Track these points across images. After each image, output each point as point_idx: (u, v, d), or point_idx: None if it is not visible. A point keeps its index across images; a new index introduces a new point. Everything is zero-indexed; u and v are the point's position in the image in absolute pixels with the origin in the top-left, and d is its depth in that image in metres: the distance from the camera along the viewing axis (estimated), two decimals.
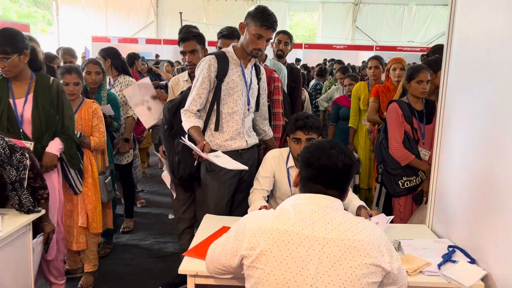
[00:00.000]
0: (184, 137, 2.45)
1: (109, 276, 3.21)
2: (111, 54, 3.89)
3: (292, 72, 3.69)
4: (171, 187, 2.96)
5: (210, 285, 1.80)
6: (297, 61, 12.45)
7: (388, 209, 3.00)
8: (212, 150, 2.37)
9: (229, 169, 2.50)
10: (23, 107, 2.52)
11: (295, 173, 1.60)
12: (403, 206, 2.93)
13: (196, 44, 2.80)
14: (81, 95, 2.99)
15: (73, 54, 4.66)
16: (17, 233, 2.08)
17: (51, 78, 2.65)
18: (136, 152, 4.22)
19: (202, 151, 2.18)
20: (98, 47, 9.61)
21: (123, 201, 4.11)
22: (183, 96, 2.64)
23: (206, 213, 2.45)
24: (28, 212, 2.17)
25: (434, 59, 3.08)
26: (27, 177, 2.18)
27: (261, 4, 2.76)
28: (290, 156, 2.48)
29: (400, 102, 2.96)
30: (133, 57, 5.91)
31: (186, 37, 2.79)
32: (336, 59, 7.89)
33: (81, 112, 2.93)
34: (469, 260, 1.86)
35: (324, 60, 11.01)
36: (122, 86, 3.79)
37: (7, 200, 2.22)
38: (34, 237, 2.27)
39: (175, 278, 3.03)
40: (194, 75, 2.84)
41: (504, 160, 1.68)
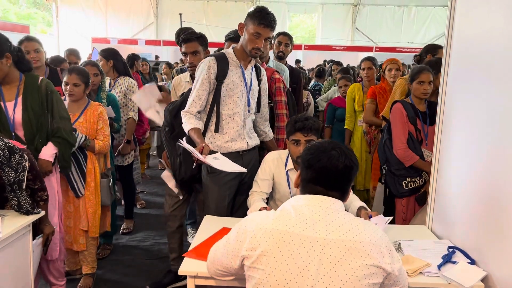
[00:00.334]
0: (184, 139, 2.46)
1: (108, 278, 3.20)
2: (113, 55, 3.86)
3: (293, 73, 3.70)
4: (175, 188, 2.93)
5: (210, 286, 1.80)
6: (297, 62, 12.46)
7: (390, 210, 3.00)
8: (212, 152, 2.38)
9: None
10: (14, 110, 2.48)
11: (295, 175, 1.60)
12: (406, 207, 2.92)
13: (198, 45, 2.82)
14: (86, 97, 2.96)
15: (78, 55, 4.67)
16: (17, 234, 2.08)
17: (40, 78, 2.60)
18: (136, 153, 4.21)
19: (201, 154, 2.18)
20: (97, 48, 9.62)
21: (123, 202, 4.11)
22: (184, 98, 2.64)
23: (207, 214, 2.45)
24: (27, 213, 2.16)
25: (434, 61, 3.08)
26: (26, 179, 2.17)
27: (260, 5, 2.76)
28: (289, 159, 2.48)
29: (404, 103, 2.96)
30: (133, 58, 5.90)
31: (188, 38, 2.81)
32: (335, 60, 7.86)
33: (87, 114, 2.90)
34: (469, 261, 1.86)
35: (324, 61, 11.02)
36: (122, 88, 3.79)
37: (6, 201, 2.21)
38: (34, 238, 2.27)
39: (163, 278, 3.03)
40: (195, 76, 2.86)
41: (504, 160, 1.68)
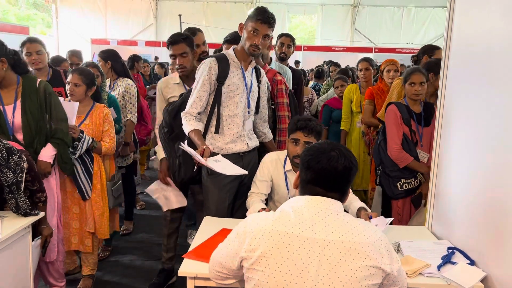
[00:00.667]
0: (184, 140, 2.45)
1: (108, 279, 3.20)
2: (111, 57, 3.86)
3: (294, 75, 3.71)
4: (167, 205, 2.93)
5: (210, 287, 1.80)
6: (296, 63, 12.45)
7: (387, 211, 3.00)
8: (213, 154, 2.37)
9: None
10: (13, 114, 2.48)
11: (295, 176, 1.59)
12: (402, 208, 2.92)
13: (185, 47, 2.78)
14: (91, 99, 2.95)
15: (81, 57, 4.67)
16: (17, 236, 2.08)
17: (38, 80, 2.60)
18: (136, 155, 4.21)
19: (202, 156, 2.18)
20: (97, 49, 9.60)
21: (122, 204, 4.11)
22: (183, 99, 2.63)
23: (207, 215, 2.45)
24: (25, 215, 2.16)
25: (434, 61, 3.08)
26: (24, 180, 2.17)
27: (260, 5, 2.77)
28: (288, 160, 2.48)
29: (399, 104, 2.96)
30: (133, 59, 5.90)
31: (176, 40, 2.78)
32: (333, 61, 7.83)
33: (92, 116, 2.89)
34: (468, 261, 1.86)
35: (324, 62, 11.02)
36: (121, 89, 3.79)
37: (5, 202, 2.21)
38: (32, 239, 2.27)
39: (158, 278, 3.05)
40: (185, 78, 2.83)
41: (504, 161, 1.68)
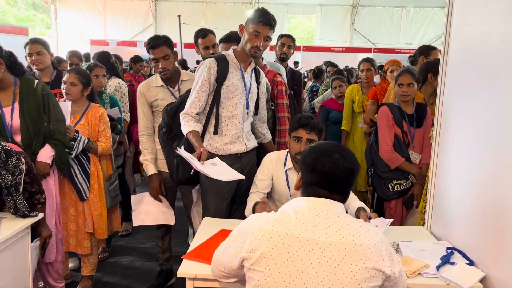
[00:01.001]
0: (183, 139, 2.45)
1: (107, 280, 3.21)
2: (101, 58, 3.92)
3: (294, 76, 3.72)
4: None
5: None
6: (295, 63, 12.45)
7: (379, 213, 3.00)
8: (211, 156, 2.37)
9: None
10: (11, 116, 2.48)
11: (297, 177, 1.58)
12: (394, 209, 2.93)
13: (167, 49, 2.75)
14: (87, 99, 2.94)
15: (81, 57, 4.70)
16: (16, 237, 2.08)
17: (36, 81, 2.60)
18: (129, 154, 4.19)
19: (199, 159, 2.19)
20: (96, 50, 9.59)
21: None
22: (182, 99, 2.63)
23: (206, 216, 2.45)
24: (23, 216, 2.16)
25: (433, 62, 3.08)
26: (23, 182, 2.17)
27: (259, 6, 2.77)
28: (288, 158, 2.48)
29: (391, 106, 2.97)
30: (133, 60, 5.89)
31: (156, 44, 2.73)
32: (331, 62, 7.80)
33: (88, 116, 2.89)
34: (467, 261, 1.86)
35: (324, 62, 11.00)
36: (111, 89, 3.85)
37: (4, 204, 2.21)
38: (32, 241, 2.27)
39: (157, 279, 3.05)
40: (167, 80, 2.80)
41: (503, 162, 1.69)
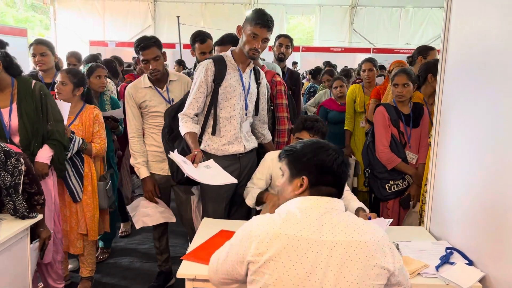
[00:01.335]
0: (183, 141, 2.45)
1: (107, 281, 3.20)
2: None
3: (292, 76, 3.73)
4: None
5: None
6: (294, 64, 12.46)
7: (376, 213, 3.00)
8: (208, 157, 2.38)
9: (228, 173, 2.51)
10: (10, 117, 2.48)
11: (295, 182, 1.49)
12: (391, 209, 2.93)
13: (157, 50, 2.74)
14: (81, 100, 2.94)
15: (80, 58, 4.68)
16: (15, 238, 2.08)
17: (33, 82, 2.59)
18: (120, 152, 4.18)
19: (193, 162, 2.22)
20: (95, 51, 9.58)
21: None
22: (183, 99, 2.65)
23: (205, 217, 2.45)
24: (22, 218, 2.16)
25: (433, 62, 3.09)
26: (22, 183, 2.16)
27: (258, 7, 2.76)
28: None
29: (387, 106, 2.98)
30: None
31: (147, 45, 2.71)
32: (329, 62, 7.77)
33: (82, 117, 2.88)
34: (467, 261, 1.86)
35: (323, 63, 11.00)
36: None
37: (3, 205, 2.21)
38: (31, 242, 2.26)
39: (156, 280, 3.06)
40: (156, 81, 2.80)
41: (501, 162, 1.69)
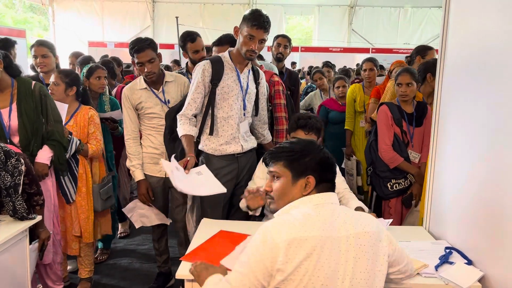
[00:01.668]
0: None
1: (106, 282, 3.20)
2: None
3: (291, 76, 3.74)
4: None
5: None
6: (293, 64, 12.47)
7: (379, 211, 3.03)
8: (207, 157, 2.38)
9: (226, 173, 2.52)
10: (9, 117, 2.48)
11: (305, 186, 1.49)
12: (394, 208, 2.94)
13: (152, 52, 2.71)
14: (76, 101, 2.94)
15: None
16: (14, 240, 2.08)
17: (33, 82, 2.59)
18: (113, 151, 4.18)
19: (185, 167, 2.25)
20: (94, 52, 9.57)
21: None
22: (182, 101, 2.66)
23: (204, 218, 2.45)
24: (22, 219, 2.16)
25: (432, 62, 3.09)
26: (22, 183, 2.16)
27: (257, 7, 2.76)
28: None
29: (390, 105, 2.98)
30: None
31: (141, 47, 2.68)
32: (328, 63, 7.76)
33: (77, 118, 2.87)
34: (466, 261, 1.86)
35: (323, 62, 10.97)
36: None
37: (2, 207, 2.21)
38: (30, 243, 2.26)
39: (156, 281, 3.06)
40: (151, 83, 2.79)
41: (500, 161, 1.69)
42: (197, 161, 2.41)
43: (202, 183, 2.27)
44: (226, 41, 2.94)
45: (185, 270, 1.78)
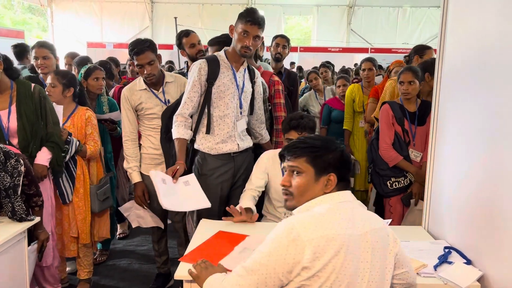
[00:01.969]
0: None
1: (105, 283, 3.19)
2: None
3: (290, 76, 3.74)
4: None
5: None
6: (291, 64, 12.47)
7: (380, 209, 3.03)
8: (204, 157, 2.38)
9: (222, 172, 2.53)
10: (8, 119, 2.48)
11: (327, 184, 1.48)
12: (394, 206, 2.95)
13: (151, 54, 2.70)
14: (74, 102, 2.93)
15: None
16: (12, 241, 2.07)
17: (33, 85, 2.59)
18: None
19: (173, 176, 2.31)
20: (93, 52, 9.57)
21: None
22: (178, 100, 2.66)
23: (202, 218, 2.44)
24: (20, 220, 2.15)
25: (430, 61, 3.09)
26: (21, 184, 2.16)
27: (255, 7, 2.76)
28: None
29: (392, 104, 2.99)
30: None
31: (141, 49, 2.66)
32: (326, 63, 7.76)
33: (74, 119, 2.86)
34: (465, 261, 1.86)
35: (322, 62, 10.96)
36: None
37: (1, 208, 2.20)
38: (29, 244, 2.26)
39: (155, 282, 3.06)
40: (151, 83, 2.78)
41: (499, 161, 1.69)
42: (186, 168, 2.42)
43: (188, 196, 2.29)
44: (222, 41, 2.89)
45: (184, 271, 1.78)
